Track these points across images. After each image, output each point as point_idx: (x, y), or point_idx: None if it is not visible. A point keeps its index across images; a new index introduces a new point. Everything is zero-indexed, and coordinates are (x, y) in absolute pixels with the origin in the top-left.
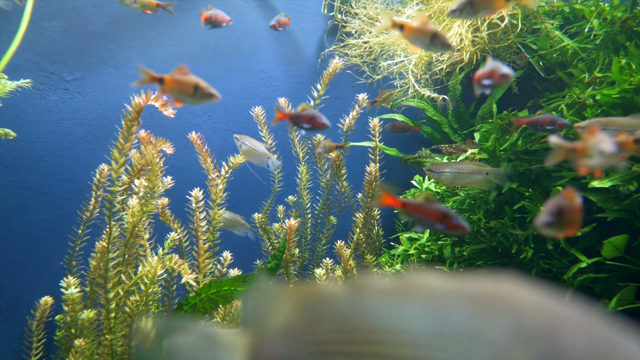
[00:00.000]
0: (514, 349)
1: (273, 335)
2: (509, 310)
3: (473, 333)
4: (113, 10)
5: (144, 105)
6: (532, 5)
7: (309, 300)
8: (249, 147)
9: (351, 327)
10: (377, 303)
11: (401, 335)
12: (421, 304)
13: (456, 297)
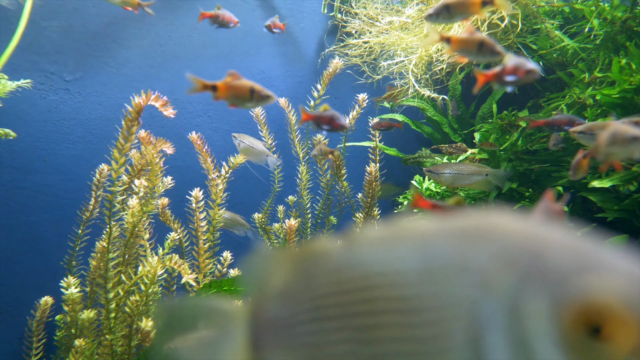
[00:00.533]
0: (499, 272)
1: (271, 298)
2: (493, 237)
3: (460, 263)
4: (113, 10)
5: (144, 105)
6: (507, 8)
7: (304, 260)
8: (247, 145)
9: (344, 278)
10: (368, 250)
11: (392, 276)
12: (410, 245)
13: (443, 233)
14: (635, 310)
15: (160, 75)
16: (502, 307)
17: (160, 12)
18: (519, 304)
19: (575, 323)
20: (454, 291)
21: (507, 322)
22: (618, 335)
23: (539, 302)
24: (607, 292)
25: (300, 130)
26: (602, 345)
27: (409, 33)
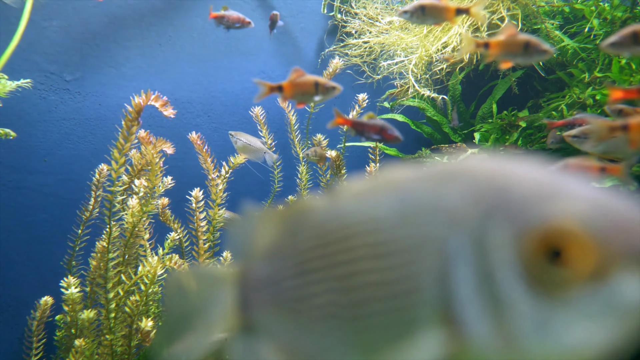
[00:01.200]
0: (466, 208)
1: (258, 258)
2: (463, 177)
3: (431, 204)
4: (113, 10)
5: (144, 105)
6: (482, 20)
7: (290, 217)
8: (244, 143)
9: (326, 230)
10: (348, 202)
11: (368, 224)
12: (386, 192)
13: (418, 178)
14: (592, 233)
15: (160, 75)
16: (469, 241)
17: (160, 12)
18: (484, 237)
19: (534, 249)
20: (424, 231)
21: (473, 256)
22: (576, 259)
23: (502, 233)
24: (565, 217)
25: (300, 130)
26: (562, 270)
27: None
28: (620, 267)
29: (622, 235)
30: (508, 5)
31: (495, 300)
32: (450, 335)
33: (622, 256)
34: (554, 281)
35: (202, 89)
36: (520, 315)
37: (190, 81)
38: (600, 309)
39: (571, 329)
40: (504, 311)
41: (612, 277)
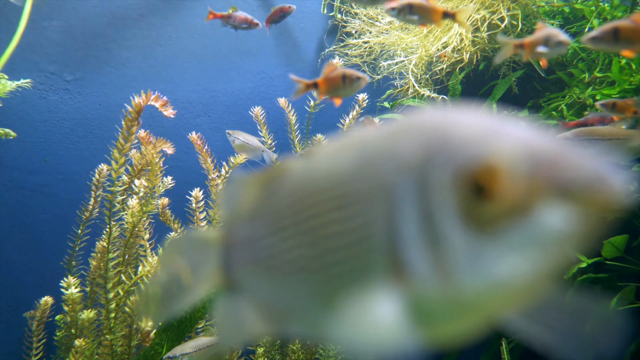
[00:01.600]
0: (413, 153)
1: (240, 220)
2: (416, 127)
3: (385, 154)
4: (113, 10)
5: (144, 105)
6: (467, 28)
7: (269, 179)
8: (242, 142)
9: (299, 188)
10: (319, 160)
11: (334, 178)
12: (352, 148)
13: (379, 133)
14: (515, 169)
15: (160, 75)
16: (413, 185)
17: (160, 12)
18: (426, 180)
19: (465, 187)
20: (377, 180)
21: (416, 199)
22: (501, 194)
23: (440, 175)
24: (491, 155)
25: (300, 130)
26: (490, 206)
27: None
28: (543, 200)
29: (544, 170)
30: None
31: (434, 239)
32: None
33: (544, 189)
34: (484, 217)
35: (202, 89)
36: (456, 252)
37: (190, 81)
38: (525, 241)
39: (500, 262)
40: (442, 249)
41: (535, 209)
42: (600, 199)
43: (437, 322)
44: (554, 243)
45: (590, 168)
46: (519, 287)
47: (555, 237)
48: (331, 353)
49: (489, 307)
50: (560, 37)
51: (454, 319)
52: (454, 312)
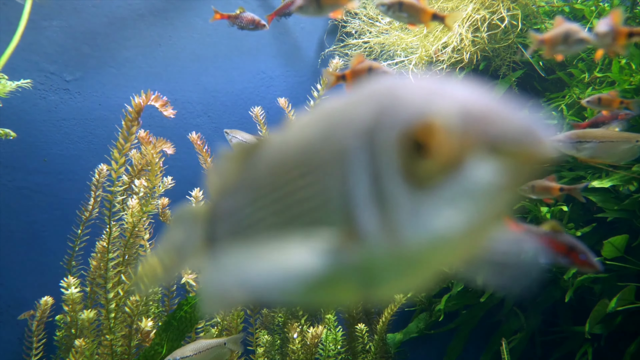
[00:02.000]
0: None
1: (224, 193)
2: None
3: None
4: (113, 10)
5: (144, 105)
6: (452, 28)
7: (251, 154)
8: (239, 141)
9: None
10: (292, 132)
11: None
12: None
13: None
14: (449, 125)
15: (160, 75)
16: (365, 147)
17: (160, 12)
18: (375, 141)
19: (405, 145)
20: (335, 146)
21: (367, 161)
22: (437, 150)
23: (387, 135)
24: (427, 114)
25: None
26: (427, 162)
27: (409, 33)
28: (474, 154)
29: (475, 126)
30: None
31: (381, 198)
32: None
33: (474, 144)
34: (423, 173)
35: (202, 89)
36: (399, 209)
37: (190, 81)
38: (459, 195)
39: (438, 216)
40: (388, 208)
41: (467, 164)
42: (527, 151)
43: (388, 279)
44: (486, 195)
45: (518, 123)
46: (456, 239)
47: (486, 190)
48: (331, 353)
49: (432, 261)
50: (580, 34)
51: (403, 274)
52: (402, 268)
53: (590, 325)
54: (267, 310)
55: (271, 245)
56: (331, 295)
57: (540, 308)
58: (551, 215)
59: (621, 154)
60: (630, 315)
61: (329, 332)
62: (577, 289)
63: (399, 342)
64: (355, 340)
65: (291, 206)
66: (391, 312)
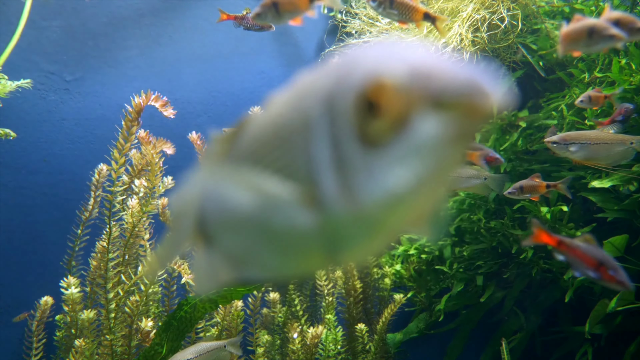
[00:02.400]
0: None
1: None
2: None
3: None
4: (113, 10)
5: (144, 105)
6: (444, 34)
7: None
8: None
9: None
10: (269, 107)
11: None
12: (292, 90)
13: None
14: (397, 84)
15: (160, 75)
16: (326, 113)
17: (160, 12)
18: (334, 105)
19: (358, 106)
20: (302, 115)
21: (328, 126)
22: (386, 108)
23: (344, 98)
24: (377, 74)
25: None
26: (378, 121)
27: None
28: (420, 110)
29: (420, 82)
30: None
31: (339, 161)
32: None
33: (420, 100)
34: (375, 132)
35: (202, 89)
36: (355, 170)
37: (190, 81)
38: (408, 152)
39: (389, 174)
40: (345, 170)
41: (415, 120)
42: (470, 103)
43: (350, 242)
44: (433, 150)
45: (461, 76)
46: (408, 197)
47: (433, 145)
48: (331, 353)
49: (390, 221)
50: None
51: (364, 237)
52: (362, 230)
53: (590, 325)
54: (267, 310)
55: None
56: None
57: (540, 308)
58: (551, 215)
59: (615, 156)
60: (630, 315)
61: (329, 332)
62: (577, 289)
63: (399, 342)
64: (355, 340)
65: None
66: (391, 312)
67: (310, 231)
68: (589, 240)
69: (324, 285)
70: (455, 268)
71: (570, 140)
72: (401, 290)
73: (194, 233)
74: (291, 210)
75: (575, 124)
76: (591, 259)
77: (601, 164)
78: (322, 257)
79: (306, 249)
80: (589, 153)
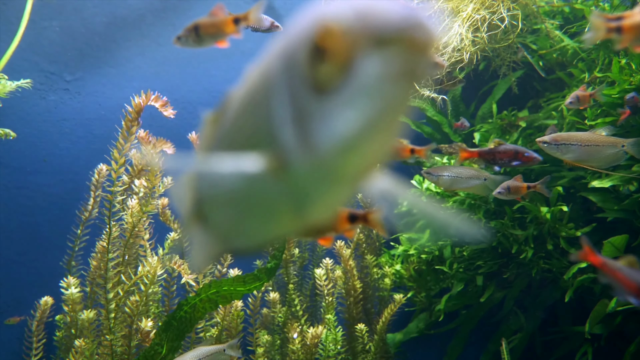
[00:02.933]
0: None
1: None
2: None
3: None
4: (113, 10)
5: (144, 105)
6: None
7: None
8: None
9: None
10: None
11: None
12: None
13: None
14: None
15: (160, 75)
16: (285, 70)
17: (160, 12)
18: (291, 60)
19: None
20: (267, 79)
21: (287, 83)
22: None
23: (298, 50)
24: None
25: None
26: (326, 66)
27: None
28: (363, 50)
29: (362, 22)
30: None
31: (297, 113)
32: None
33: (362, 40)
34: (325, 77)
35: (202, 89)
36: (311, 120)
37: (190, 81)
38: (356, 93)
39: (341, 118)
40: (302, 121)
41: (360, 60)
42: (409, 37)
43: (315, 197)
44: (379, 89)
45: (400, 13)
46: (360, 139)
47: (379, 84)
48: (331, 353)
49: (347, 168)
50: None
51: (325, 187)
52: (324, 182)
53: (590, 325)
54: (267, 310)
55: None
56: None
57: (540, 308)
58: (551, 215)
59: (606, 158)
60: (630, 315)
61: (329, 332)
62: (577, 289)
63: (399, 342)
64: (355, 340)
65: (241, 143)
66: (391, 312)
67: (279, 193)
68: (632, 263)
69: (324, 285)
70: (455, 268)
71: (562, 141)
72: (401, 290)
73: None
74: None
75: (575, 124)
76: (633, 284)
77: (593, 165)
78: (293, 217)
79: (278, 211)
80: (580, 154)
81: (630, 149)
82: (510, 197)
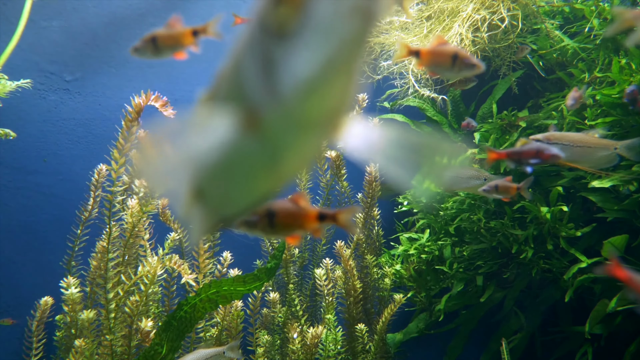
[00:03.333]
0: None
1: None
2: None
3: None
4: (113, 10)
5: (143, 105)
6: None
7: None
8: None
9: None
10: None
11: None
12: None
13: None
14: None
15: (160, 75)
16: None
17: (160, 12)
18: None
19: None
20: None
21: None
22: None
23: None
24: None
25: None
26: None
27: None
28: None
29: None
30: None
31: (263, 62)
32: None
33: None
34: (283, 20)
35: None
36: (275, 67)
37: (190, 81)
38: (313, 33)
39: (300, 60)
40: (268, 71)
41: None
42: None
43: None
44: (334, 27)
45: None
46: (320, 81)
47: (333, 21)
48: (331, 353)
49: (310, 111)
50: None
51: (294, 139)
52: (292, 131)
53: (590, 325)
54: (267, 310)
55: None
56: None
57: (540, 308)
58: (551, 215)
59: (599, 160)
60: (630, 315)
61: (329, 332)
62: (577, 289)
63: (399, 342)
64: (355, 340)
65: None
66: (391, 312)
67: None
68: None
69: (324, 285)
70: (455, 268)
71: (554, 140)
72: (401, 290)
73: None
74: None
75: (575, 124)
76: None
77: (585, 166)
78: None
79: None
80: (571, 155)
81: (623, 151)
82: (497, 196)
